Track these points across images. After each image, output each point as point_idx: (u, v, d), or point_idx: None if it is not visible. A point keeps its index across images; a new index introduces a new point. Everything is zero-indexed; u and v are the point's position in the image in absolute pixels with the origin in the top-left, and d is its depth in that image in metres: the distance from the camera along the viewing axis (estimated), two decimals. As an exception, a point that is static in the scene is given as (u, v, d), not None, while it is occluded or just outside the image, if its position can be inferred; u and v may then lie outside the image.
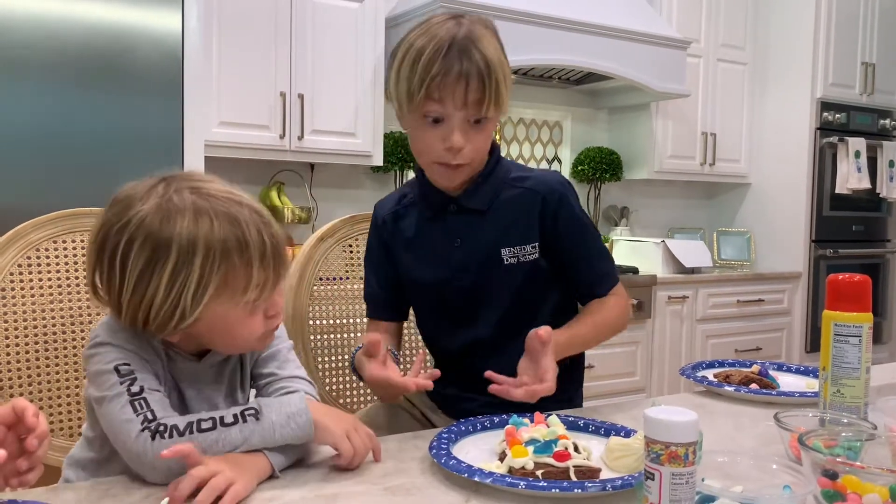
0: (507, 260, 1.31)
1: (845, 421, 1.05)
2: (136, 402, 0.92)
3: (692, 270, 3.75)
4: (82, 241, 1.36)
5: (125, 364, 0.95)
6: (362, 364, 1.21)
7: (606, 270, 1.38)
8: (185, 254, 0.90)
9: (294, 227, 3.24)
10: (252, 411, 0.93)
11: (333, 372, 1.65)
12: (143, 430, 0.90)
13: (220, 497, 0.84)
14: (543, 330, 1.15)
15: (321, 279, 1.67)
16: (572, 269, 1.36)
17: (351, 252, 1.70)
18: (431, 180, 1.33)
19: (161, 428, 0.90)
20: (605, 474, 0.96)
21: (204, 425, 0.91)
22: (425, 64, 1.18)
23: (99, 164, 2.28)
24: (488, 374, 1.16)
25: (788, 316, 4.08)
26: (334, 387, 1.65)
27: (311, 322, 1.64)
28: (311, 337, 1.64)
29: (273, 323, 1.02)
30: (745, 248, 4.25)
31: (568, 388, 1.40)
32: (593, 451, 1.02)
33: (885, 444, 0.99)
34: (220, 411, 0.93)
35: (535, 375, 1.15)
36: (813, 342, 4.10)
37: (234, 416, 0.92)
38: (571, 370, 1.40)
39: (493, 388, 1.14)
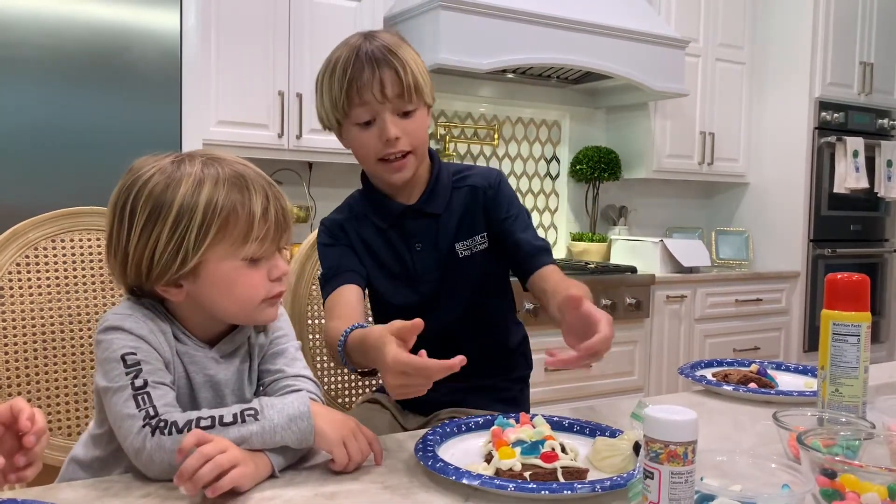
0: (461, 253, 1.37)
1: (844, 420, 1.06)
2: (139, 397, 0.93)
3: (690, 270, 3.75)
4: (80, 240, 1.35)
5: (132, 353, 0.96)
6: (366, 347, 1.09)
7: (544, 246, 1.39)
8: (190, 200, 0.95)
9: (294, 227, 3.24)
10: (252, 412, 0.93)
11: (333, 371, 1.65)
12: (144, 425, 0.91)
13: (222, 475, 0.84)
14: (574, 293, 1.11)
15: (319, 274, 1.66)
16: (514, 245, 1.38)
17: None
18: (381, 183, 1.36)
19: (161, 424, 0.90)
20: (592, 475, 0.96)
21: (203, 423, 0.91)
22: (341, 74, 1.25)
23: (97, 163, 2.28)
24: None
25: (787, 315, 4.08)
26: (334, 386, 1.65)
27: (309, 322, 1.64)
28: (311, 336, 1.64)
29: (276, 288, 1.03)
30: (743, 248, 4.25)
31: (511, 388, 1.46)
32: (580, 451, 1.02)
33: (883, 443, 0.99)
34: (220, 410, 0.93)
35: (585, 333, 1.07)
36: (811, 341, 4.11)
37: (234, 415, 0.92)
38: (513, 365, 1.46)
39: (549, 361, 1.07)
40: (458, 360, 0.94)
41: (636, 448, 0.97)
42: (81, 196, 1.66)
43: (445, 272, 1.38)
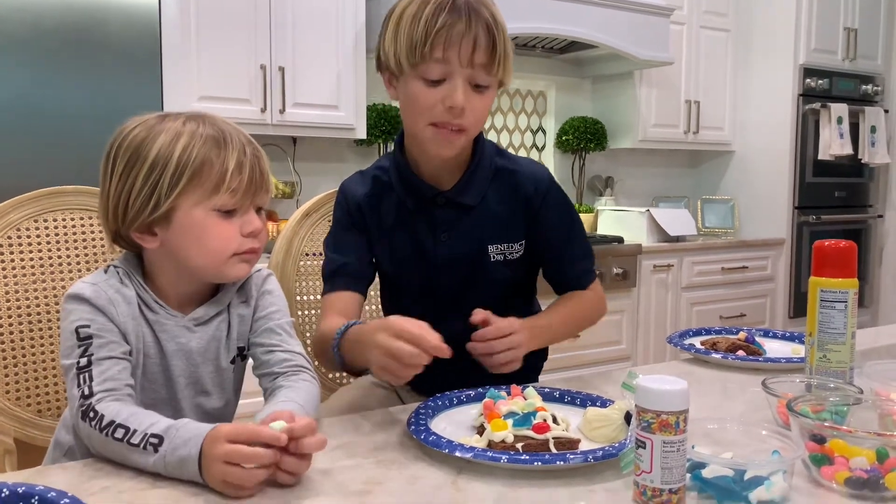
0: (493, 257, 1.28)
1: (832, 385, 1.06)
2: (81, 376, 0.94)
3: (677, 239, 3.76)
4: (63, 219, 1.34)
5: (85, 326, 0.96)
6: (364, 332, 1.06)
7: (588, 268, 1.36)
8: (166, 150, 0.97)
9: (278, 203, 3.22)
10: (156, 440, 0.86)
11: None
12: (79, 406, 0.92)
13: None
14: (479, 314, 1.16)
15: (307, 255, 1.66)
16: (555, 266, 1.34)
17: (337, 226, 1.69)
18: (423, 154, 1.24)
19: (91, 413, 0.91)
20: (584, 445, 0.96)
21: (117, 434, 0.88)
22: (430, 15, 1.10)
23: (78, 141, 2.24)
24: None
25: (772, 282, 4.11)
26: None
27: (298, 298, 1.63)
28: (300, 313, 1.63)
29: (247, 244, 1.02)
30: (728, 216, 4.27)
31: (528, 376, 1.38)
32: (571, 422, 1.02)
33: (871, 408, 1.00)
34: (139, 425, 0.88)
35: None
36: (796, 308, 4.15)
37: (142, 437, 0.87)
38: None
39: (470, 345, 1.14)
40: (447, 350, 0.95)
41: (627, 418, 0.97)
42: (63, 175, 1.64)
43: (471, 272, 1.29)
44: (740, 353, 1.40)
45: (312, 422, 0.86)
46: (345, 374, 1.65)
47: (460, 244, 1.28)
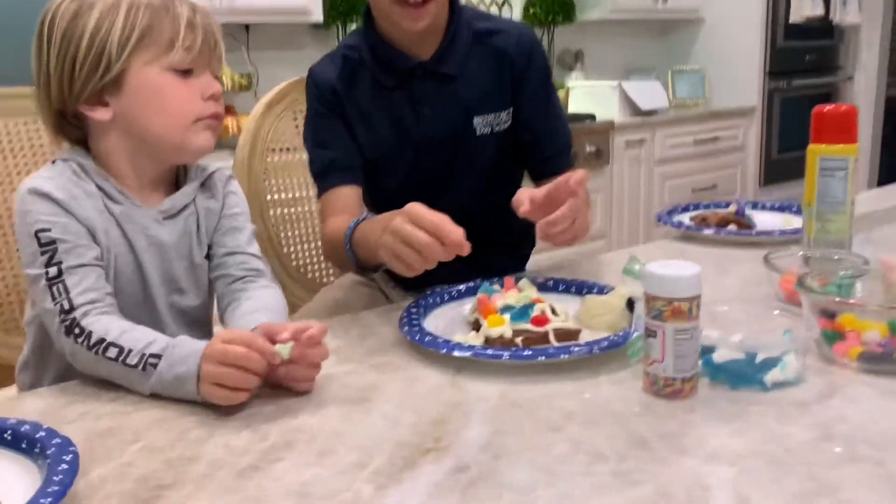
0: (479, 130, 1.20)
1: (836, 257, 1.03)
2: (54, 287, 0.86)
3: (648, 113, 3.68)
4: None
5: (46, 229, 0.87)
6: (375, 224, 0.99)
7: (567, 146, 1.28)
8: (108, 12, 0.89)
9: (235, 95, 3.06)
10: (155, 359, 0.80)
11: (298, 245, 1.57)
12: (60, 321, 0.85)
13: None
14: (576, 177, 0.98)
15: (274, 150, 1.56)
16: (531, 141, 1.25)
17: (301, 118, 1.59)
18: (393, 29, 1.16)
19: (77, 330, 0.84)
20: (585, 334, 0.92)
21: (110, 353, 0.81)
22: None
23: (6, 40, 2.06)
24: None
25: (743, 152, 4.09)
26: (301, 260, 1.58)
27: (268, 196, 1.55)
28: (271, 212, 1.55)
29: (210, 108, 0.94)
30: (699, 86, 4.18)
31: (515, 266, 1.33)
32: (569, 311, 0.98)
33: (877, 278, 0.97)
34: (134, 343, 0.82)
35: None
36: (767, 176, 4.15)
37: (140, 358, 0.81)
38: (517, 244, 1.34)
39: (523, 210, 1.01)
40: (467, 247, 0.87)
41: (629, 304, 0.93)
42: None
43: (457, 149, 1.21)
44: (732, 227, 1.37)
45: (323, 326, 0.81)
46: (324, 274, 1.60)
47: (444, 119, 1.20)
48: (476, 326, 0.95)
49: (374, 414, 0.76)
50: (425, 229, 0.86)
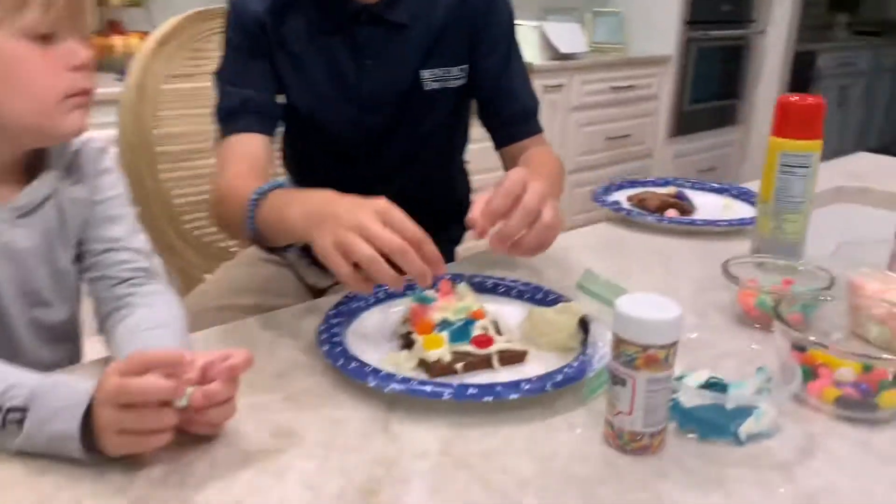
0: (427, 85, 1.06)
1: (800, 269, 0.95)
2: None
3: (567, 56, 3.56)
4: None
5: None
6: (312, 201, 0.80)
7: (534, 108, 1.15)
8: None
9: (125, 12, 2.74)
10: (18, 414, 0.61)
11: (194, 206, 1.38)
12: None
13: None
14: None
15: (166, 92, 1.35)
16: (499, 99, 1.12)
17: (200, 58, 1.38)
18: None
19: None
20: (532, 356, 0.81)
21: None
22: None
23: None
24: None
25: (656, 101, 4.05)
26: (196, 224, 1.40)
27: (159, 149, 1.35)
28: (161, 167, 1.35)
29: (80, 82, 0.74)
30: (618, 31, 4.08)
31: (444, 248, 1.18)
32: (509, 318, 0.87)
33: (842, 297, 0.90)
34: None
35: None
36: (678, 126, 4.14)
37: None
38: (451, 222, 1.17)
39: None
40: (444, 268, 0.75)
41: (583, 324, 0.82)
42: None
43: (402, 104, 1.07)
44: (672, 212, 1.28)
45: (249, 355, 0.65)
46: (217, 234, 1.41)
47: (390, 72, 1.05)
48: (408, 342, 0.82)
49: (290, 478, 0.62)
50: (401, 234, 0.71)
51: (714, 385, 0.73)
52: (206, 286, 1.18)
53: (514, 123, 1.13)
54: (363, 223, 0.71)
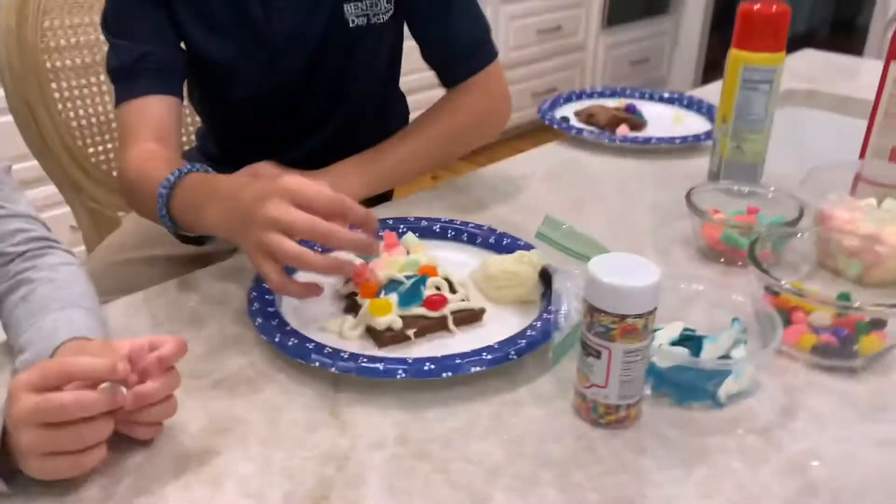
0: (352, 21, 0.92)
1: (770, 196, 0.89)
2: None
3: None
4: None
5: None
6: (230, 190, 0.70)
7: (478, 40, 1.00)
8: None
9: None
10: None
11: (96, 130, 1.24)
12: None
13: None
14: None
15: (51, 15, 1.18)
16: (441, 40, 0.98)
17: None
18: None
19: None
20: (490, 314, 0.74)
21: None
22: None
23: None
24: None
25: (587, -10, 3.91)
26: (102, 156, 1.25)
27: (49, 66, 1.18)
28: (54, 85, 1.20)
29: None
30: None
31: None
32: (462, 267, 0.79)
33: (810, 228, 0.85)
34: None
35: None
36: (611, 16, 4.01)
37: None
38: None
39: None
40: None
41: (544, 275, 0.75)
42: None
43: (322, 46, 0.93)
44: (624, 128, 1.20)
45: (181, 342, 0.56)
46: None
47: (304, 12, 0.91)
48: (352, 304, 0.74)
49: (227, 487, 0.54)
50: (319, 211, 0.63)
51: (689, 339, 0.68)
52: (119, 236, 1.05)
53: (454, 63, 1.00)
54: (274, 215, 0.62)
